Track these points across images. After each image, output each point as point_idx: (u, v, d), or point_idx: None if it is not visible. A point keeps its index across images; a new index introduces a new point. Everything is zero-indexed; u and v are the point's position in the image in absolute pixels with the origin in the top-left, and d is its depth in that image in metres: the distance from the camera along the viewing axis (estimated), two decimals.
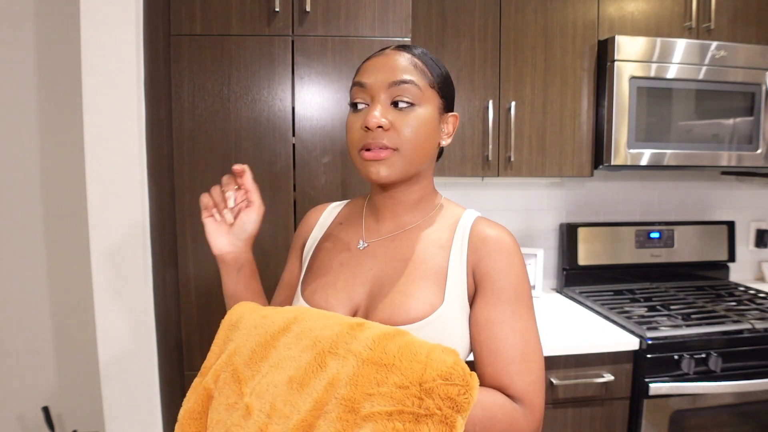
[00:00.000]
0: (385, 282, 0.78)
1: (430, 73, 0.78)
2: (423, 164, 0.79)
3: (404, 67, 0.75)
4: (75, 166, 1.67)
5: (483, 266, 0.75)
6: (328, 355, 0.66)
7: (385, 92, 0.75)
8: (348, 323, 0.69)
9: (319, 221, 0.93)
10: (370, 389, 0.62)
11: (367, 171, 0.76)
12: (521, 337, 0.73)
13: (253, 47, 1.43)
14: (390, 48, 0.79)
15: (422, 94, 0.76)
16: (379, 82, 0.75)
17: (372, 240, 0.83)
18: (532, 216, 2.15)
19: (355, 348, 0.65)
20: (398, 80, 0.74)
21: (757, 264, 2.36)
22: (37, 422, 1.76)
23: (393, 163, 0.75)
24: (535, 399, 0.71)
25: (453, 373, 0.62)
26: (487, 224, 0.79)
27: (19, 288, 1.74)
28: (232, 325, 0.76)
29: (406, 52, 0.78)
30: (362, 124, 0.75)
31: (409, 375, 0.62)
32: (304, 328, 0.70)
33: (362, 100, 0.77)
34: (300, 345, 0.68)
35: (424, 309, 0.73)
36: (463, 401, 0.61)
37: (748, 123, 1.84)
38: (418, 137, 0.75)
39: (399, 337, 0.66)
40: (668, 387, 1.54)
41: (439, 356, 0.64)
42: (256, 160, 1.45)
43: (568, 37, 1.80)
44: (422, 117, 0.76)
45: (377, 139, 0.74)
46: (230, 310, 0.79)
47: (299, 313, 0.73)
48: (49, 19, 1.67)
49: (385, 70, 0.75)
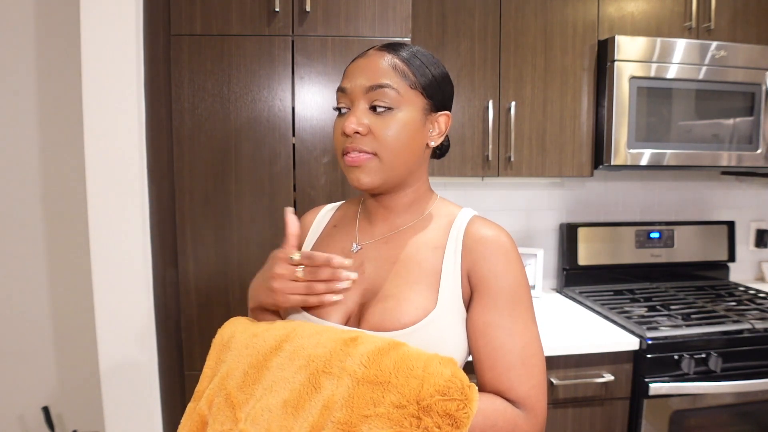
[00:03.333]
0: (377, 286, 0.77)
1: (413, 74, 0.75)
2: (408, 168, 0.78)
3: (383, 70, 0.74)
4: (75, 166, 1.67)
5: (479, 268, 0.74)
6: (322, 375, 0.65)
7: (363, 97, 0.74)
8: (341, 339, 0.67)
9: (313, 226, 0.92)
10: (366, 410, 0.61)
11: (350, 177, 0.76)
12: (520, 341, 0.72)
13: (253, 47, 1.43)
14: (374, 48, 0.78)
15: (401, 97, 0.74)
16: (358, 86, 0.74)
17: (365, 242, 0.82)
18: (532, 216, 2.15)
19: (350, 366, 0.64)
20: (374, 85, 0.74)
21: (757, 264, 2.36)
22: (37, 422, 1.76)
23: (371, 169, 0.74)
24: (537, 403, 0.70)
25: (451, 387, 0.61)
26: (482, 224, 0.78)
27: (19, 288, 1.74)
28: (223, 345, 0.75)
29: (388, 53, 0.76)
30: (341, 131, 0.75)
31: (406, 393, 0.61)
32: (296, 346, 0.69)
33: (344, 104, 0.76)
34: (293, 365, 0.67)
35: (417, 314, 0.72)
36: (462, 416, 0.60)
37: (748, 123, 1.84)
38: (398, 141, 0.74)
39: (394, 350, 0.65)
40: (668, 387, 1.54)
41: (436, 369, 0.62)
42: (256, 160, 1.45)
43: (568, 37, 1.80)
44: (402, 120, 0.74)
45: (355, 144, 0.74)
46: (221, 328, 0.78)
47: (291, 329, 0.71)
48: (49, 19, 1.67)
49: (364, 73, 0.75)
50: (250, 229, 1.47)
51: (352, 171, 0.75)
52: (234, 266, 1.47)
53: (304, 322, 0.75)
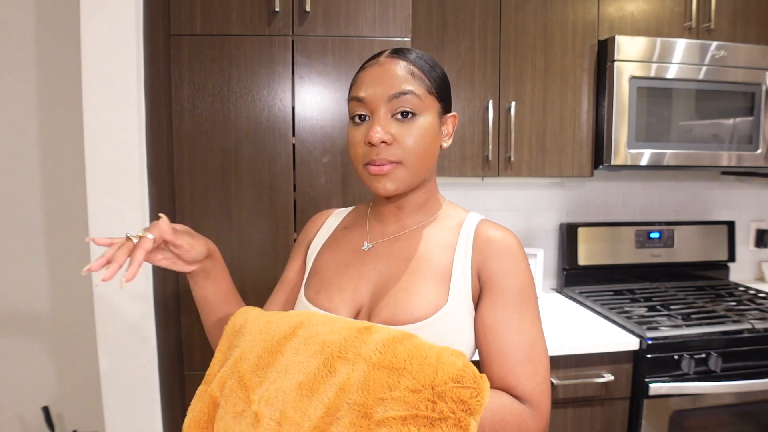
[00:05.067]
0: (389, 281, 0.78)
1: (428, 78, 0.76)
2: (428, 172, 0.80)
3: (402, 77, 0.74)
4: (75, 166, 1.67)
5: (488, 268, 0.75)
6: (337, 360, 0.65)
7: (385, 105, 0.74)
8: (356, 327, 0.68)
9: (325, 225, 0.93)
10: (382, 394, 0.62)
11: (374, 186, 0.76)
12: (527, 339, 0.73)
13: (253, 47, 1.43)
14: (384, 55, 0.78)
15: (422, 102, 0.75)
16: (378, 95, 0.74)
17: (376, 241, 0.83)
18: (532, 216, 2.15)
19: (365, 352, 0.65)
20: (398, 92, 0.73)
21: (757, 264, 2.36)
22: (37, 422, 1.76)
23: (397, 177, 0.75)
24: (543, 400, 0.71)
25: (464, 376, 0.62)
26: (491, 226, 0.79)
27: (19, 288, 1.74)
28: (236, 331, 0.75)
29: (401, 60, 0.76)
30: (364, 139, 0.74)
31: (421, 378, 0.62)
32: (310, 332, 0.69)
33: (362, 113, 0.76)
34: (308, 350, 0.68)
35: (428, 308, 0.73)
36: (476, 404, 0.61)
37: (748, 123, 1.84)
38: (421, 147, 0.75)
39: (408, 340, 0.66)
40: (668, 387, 1.54)
41: (449, 359, 0.63)
42: (256, 160, 1.45)
43: (568, 37, 1.80)
44: (424, 126, 0.75)
45: (381, 154, 0.73)
46: (233, 316, 0.78)
47: (305, 317, 0.72)
48: (49, 19, 1.67)
49: (383, 81, 0.74)
50: (250, 229, 1.47)
51: (377, 180, 0.75)
52: (234, 266, 1.47)
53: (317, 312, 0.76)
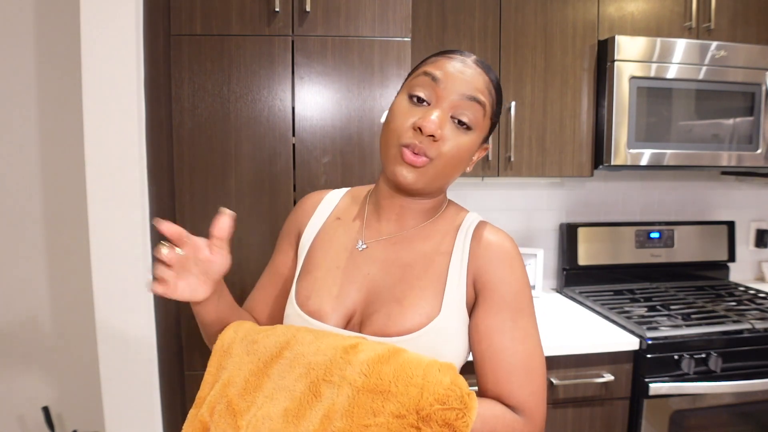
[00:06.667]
0: (382, 289, 0.76)
1: (496, 104, 0.76)
2: (444, 185, 0.78)
3: (481, 88, 0.73)
4: (75, 166, 1.67)
5: (484, 273, 0.74)
6: (322, 383, 0.65)
7: (451, 101, 0.72)
8: (342, 346, 0.67)
9: (317, 211, 0.87)
10: (366, 420, 0.62)
11: (397, 170, 0.72)
12: (522, 347, 0.72)
13: (253, 47, 1.43)
14: (470, 59, 0.75)
15: (481, 120, 0.74)
16: (454, 90, 0.72)
17: (371, 240, 0.81)
18: (532, 216, 2.15)
19: (350, 375, 0.64)
20: (472, 96, 0.72)
21: (757, 264, 2.36)
22: (37, 422, 1.76)
23: (423, 173, 0.72)
24: (536, 409, 0.71)
25: (450, 396, 0.62)
26: (489, 230, 0.78)
27: (19, 288, 1.74)
28: (224, 351, 0.75)
29: (486, 73, 0.75)
30: (415, 123, 0.71)
31: (406, 402, 0.62)
32: (296, 353, 0.69)
33: (426, 95, 0.72)
34: (293, 373, 0.68)
35: (420, 320, 0.72)
36: (461, 425, 0.61)
37: (748, 123, 1.84)
38: (455, 160, 0.73)
39: (394, 358, 0.65)
40: (668, 387, 1.54)
41: (436, 377, 0.63)
42: (256, 160, 1.45)
43: (568, 37, 1.80)
44: (468, 143, 0.73)
45: (423, 145, 0.70)
46: (221, 334, 0.77)
47: (291, 336, 0.71)
48: (49, 19, 1.67)
49: (465, 80, 0.72)
50: (249, 229, 1.47)
51: (403, 166, 0.72)
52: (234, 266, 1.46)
53: (305, 327, 0.75)
